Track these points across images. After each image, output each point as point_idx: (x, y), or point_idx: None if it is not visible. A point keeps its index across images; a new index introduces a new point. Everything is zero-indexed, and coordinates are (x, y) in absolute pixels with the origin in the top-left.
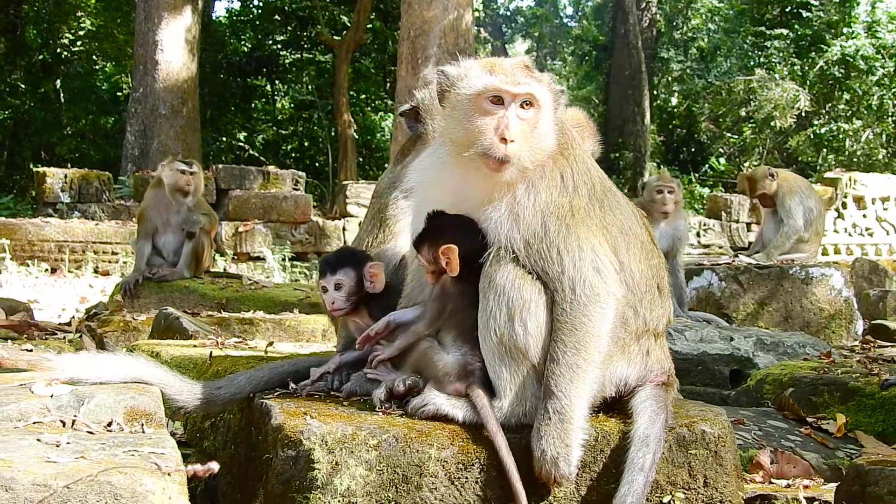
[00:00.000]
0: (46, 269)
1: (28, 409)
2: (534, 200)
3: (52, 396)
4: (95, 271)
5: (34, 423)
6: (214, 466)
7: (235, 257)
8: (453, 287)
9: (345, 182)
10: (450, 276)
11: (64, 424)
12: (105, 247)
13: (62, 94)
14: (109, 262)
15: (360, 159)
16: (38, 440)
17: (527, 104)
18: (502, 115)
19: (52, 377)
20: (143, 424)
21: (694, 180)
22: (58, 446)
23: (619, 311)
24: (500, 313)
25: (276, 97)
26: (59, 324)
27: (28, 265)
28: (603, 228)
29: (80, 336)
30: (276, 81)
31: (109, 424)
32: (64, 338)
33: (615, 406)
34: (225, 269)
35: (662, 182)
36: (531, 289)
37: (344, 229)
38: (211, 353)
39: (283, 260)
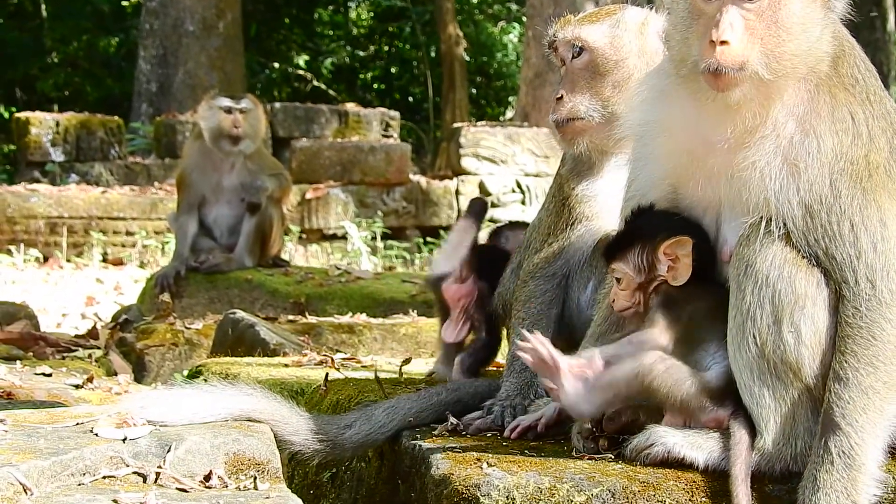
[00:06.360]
0: (36, 258)
1: (95, 459)
2: (817, 147)
3: (124, 441)
4: (104, 260)
5: (104, 477)
6: None
7: (303, 236)
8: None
9: (456, 125)
10: (672, 284)
11: (145, 479)
12: (116, 224)
13: (43, 7)
14: (123, 245)
15: (474, 91)
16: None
17: None
18: (718, 11)
19: (122, 416)
20: (255, 478)
21: None
22: None
23: None
24: (761, 313)
25: (349, 3)
26: (75, 335)
27: (11, 252)
28: None
29: (107, 353)
30: None
31: (208, 478)
32: (89, 356)
33: None
34: (289, 254)
35: None
36: (807, 279)
37: (458, 193)
38: (327, 374)
39: (373, 238)
